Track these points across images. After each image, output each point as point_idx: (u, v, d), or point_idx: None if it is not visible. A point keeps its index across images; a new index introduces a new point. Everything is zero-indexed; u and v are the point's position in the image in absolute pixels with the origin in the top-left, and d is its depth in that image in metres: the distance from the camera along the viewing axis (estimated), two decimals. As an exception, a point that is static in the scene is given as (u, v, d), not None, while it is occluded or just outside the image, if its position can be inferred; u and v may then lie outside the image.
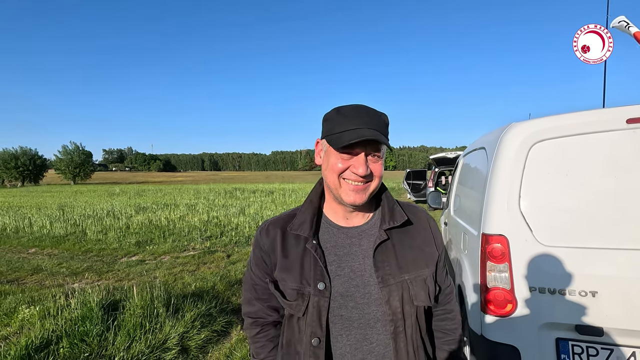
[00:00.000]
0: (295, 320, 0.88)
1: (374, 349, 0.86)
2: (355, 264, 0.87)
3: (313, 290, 0.84)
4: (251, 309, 0.98)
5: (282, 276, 0.89)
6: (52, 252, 7.32)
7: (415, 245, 0.92)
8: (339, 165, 0.83)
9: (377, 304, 0.86)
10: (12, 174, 55.21)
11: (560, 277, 1.70)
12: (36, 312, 3.46)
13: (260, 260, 0.94)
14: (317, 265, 0.86)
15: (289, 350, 0.90)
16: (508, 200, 1.83)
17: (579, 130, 1.76)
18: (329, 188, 0.89)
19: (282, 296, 0.88)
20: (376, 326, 0.86)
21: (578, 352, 1.68)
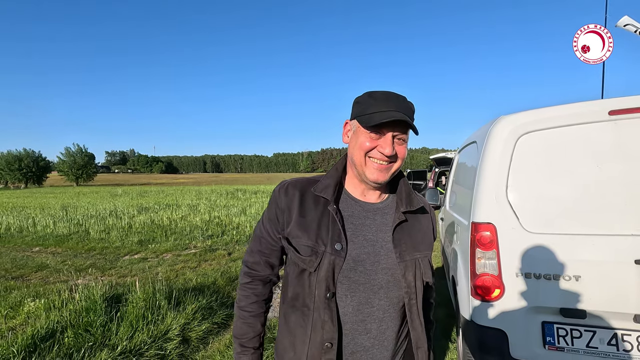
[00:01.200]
0: (307, 275, 0.93)
1: (374, 313, 0.93)
2: (369, 234, 0.96)
3: (330, 250, 0.91)
4: (250, 259, 1.04)
5: (296, 233, 0.94)
6: (56, 251, 7.41)
7: (422, 229, 1.03)
8: (367, 144, 0.90)
9: (384, 273, 0.94)
10: (16, 176, 55.56)
11: (545, 262, 1.77)
12: (41, 305, 3.55)
13: (274, 216, 0.99)
14: (336, 227, 0.93)
15: (296, 303, 0.95)
16: (496, 190, 1.91)
17: (563, 122, 1.83)
18: (353, 164, 0.96)
19: (295, 251, 0.94)
20: (379, 292, 0.94)
21: (562, 334, 1.75)
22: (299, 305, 0.94)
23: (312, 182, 1.01)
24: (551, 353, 1.76)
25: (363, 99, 0.93)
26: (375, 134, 0.90)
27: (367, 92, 0.95)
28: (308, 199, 0.97)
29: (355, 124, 0.94)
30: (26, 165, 56.42)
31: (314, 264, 0.91)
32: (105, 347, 2.69)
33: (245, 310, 1.03)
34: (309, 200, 0.97)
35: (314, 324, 0.91)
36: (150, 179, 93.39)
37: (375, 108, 0.89)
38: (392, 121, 0.87)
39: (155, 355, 2.73)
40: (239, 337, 1.03)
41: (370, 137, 0.90)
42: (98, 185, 53.48)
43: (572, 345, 1.73)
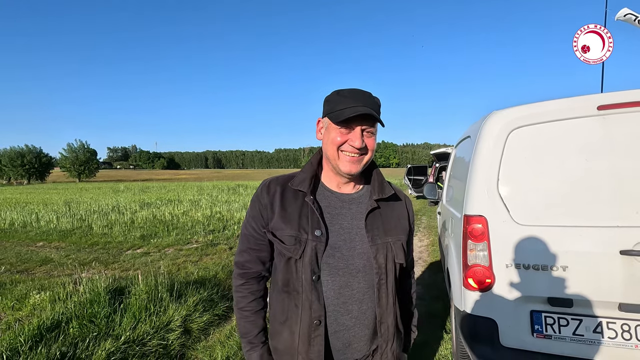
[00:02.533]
0: (293, 262, 1.00)
1: (354, 295, 1.02)
2: (345, 222, 1.04)
3: (311, 237, 0.99)
4: (241, 259, 1.10)
5: (280, 226, 1.01)
6: (60, 245, 7.51)
7: (395, 215, 1.11)
8: (338, 139, 0.98)
9: (360, 257, 1.02)
10: (19, 172, 55.87)
11: (534, 253, 1.82)
12: (46, 297, 3.63)
13: (257, 213, 1.06)
14: (314, 216, 1.01)
15: (288, 289, 1.03)
16: (488, 184, 1.95)
17: (553, 117, 1.88)
18: (327, 159, 1.04)
19: (280, 242, 1.01)
20: (357, 276, 1.02)
21: (550, 322, 1.81)
22: (290, 289, 1.02)
23: (290, 177, 1.08)
24: (539, 341, 1.82)
25: (332, 97, 1.00)
26: (345, 129, 0.97)
27: (336, 90, 1.02)
28: (288, 194, 1.04)
29: (327, 121, 1.01)
30: (29, 162, 56.69)
31: (298, 251, 0.99)
32: (109, 337, 2.77)
33: (245, 310, 1.10)
34: (288, 194, 1.04)
35: (303, 304, 0.99)
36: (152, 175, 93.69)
37: (343, 105, 0.96)
38: (360, 115, 0.94)
39: (157, 345, 2.80)
40: (246, 335, 1.11)
41: (340, 132, 0.97)
42: (100, 181, 53.73)
43: (559, 333, 1.79)
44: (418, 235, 7.72)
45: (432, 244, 6.76)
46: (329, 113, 0.99)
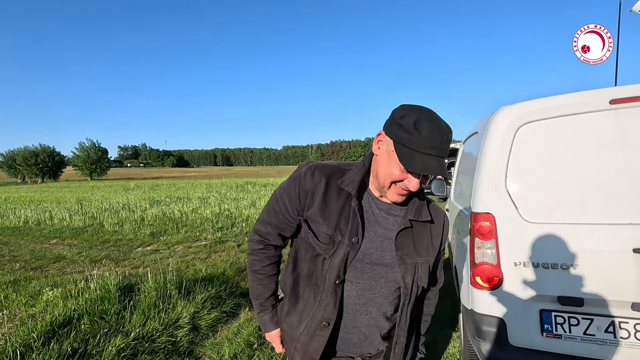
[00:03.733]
0: (321, 260, 1.00)
1: (375, 299, 1.04)
2: (380, 230, 1.03)
3: (347, 241, 0.98)
4: (263, 229, 1.11)
5: (317, 219, 1.00)
6: (72, 243, 7.66)
7: (428, 235, 1.09)
8: (396, 173, 0.92)
9: (385, 267, 1.02)
10: (33, 171, 56.99)
11: (544, 252, 1.79)
12: (59, 294, 3.70)
13: (296, 195, 1.03)
14: (356, 221, 0.99)
15: (310, 281, 1.04)
16: (495, 181, 1.92)
17: (564, 111, 1.83)
18: (376, 178, 1.00)
19: (315, 237, 1.00)
20: (380, 281, 1.03)
21: (560, 322, 1.78)
22: (313, 283, 1.04)
23: (337, 171, 1.04)
24: (549, 340, 1.79)
25: (407, 124, 0.88)
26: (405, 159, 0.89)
27: (414, 114, 0.89)
28: (332, 188, 1.01)
29: (391, 144, 0.92)
30: (42, 160, 57.78)
31: (329, 251, 0.98)
32: (119, 333, 2.81)
33: (259, 273, 1.12)
34: (333, 189, 1.01)
35: (320, 302, 1.01)
36: (161, 172, 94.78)
37: (417, 145, 0.86)
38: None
39: (166, 341, 2.84)
40: (257, 298, 1.14)
41: (401, 168, 0.91)
42: (111, 180, 54.55)
43: (569, 332, 1.76)
44: (426, 232, 7.66)
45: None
46: (399, 144, 0.89)
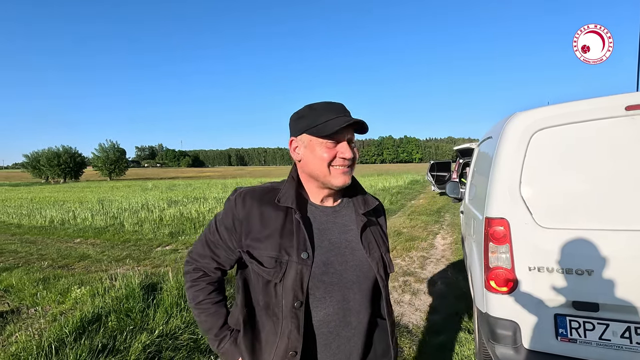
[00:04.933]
0: (272, 286, 0.94)
1: (352, 307, 0.99)
2: (333, 237, 1.00)
3: (296, 259, 0.92)
4: (200, 260, 1.04)
5: (257, 245, 0.95)
6: (95, 242, 7.94)
7: (377, 224, 1.11)
8: (325, 155, 0.94)
9: (353, 270, 0.99)
10: (55, 171, 58.98)
11: (558, 257, 1.81)
12: (86, 291, 3.89)
13: (231, 225, 0.99)
14: (301, 235, 0.94)
15: (268, 312, 0.97)
16: (510, 186, 1.95)
17: (579, 117, 1.84)
18: (313, 177, 0.99)
19: (259, 264, 0.94)
20: (353, 288, 0.99)
21: (575, 327, 1.79)
22: (271, 313, 0.96)
23: (269, 191, 1.01)
24: (563, 344, 1.81)
25: (306, 112, 0.97)
26: (332, 142, 0.94)
27: (306, 106, 0.99)
28: (268, 209, 0.97)
29: (306, 138, 0.97)
30: (64, 161, 59.72)
31: (278, 274, 0.92)
32: (144, 330, 2.95)
33: (205, 303, 1.03)
34: (269, 209, 0.97)
35: (282, 332, 0.93)
36: (178, 172, 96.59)
37: (324, 117, 0.93)
38: (344, 126, 0.92)
39: (188, 339, 2.96)
40: (210, 330, 1.04)
41: (327, 147, 0.94)
42: (129, 180, 55.92)
43: (584, 337, 1.77)
44: (441, 233, 7.63)
45: (455, 242, 6.67)
46: (310, 128, 0.94)
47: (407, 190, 18.45)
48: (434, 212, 10.54)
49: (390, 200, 13.51)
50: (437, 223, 8.79)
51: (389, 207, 12.06)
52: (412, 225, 8.56)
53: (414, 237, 7.22)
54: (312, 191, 1.03)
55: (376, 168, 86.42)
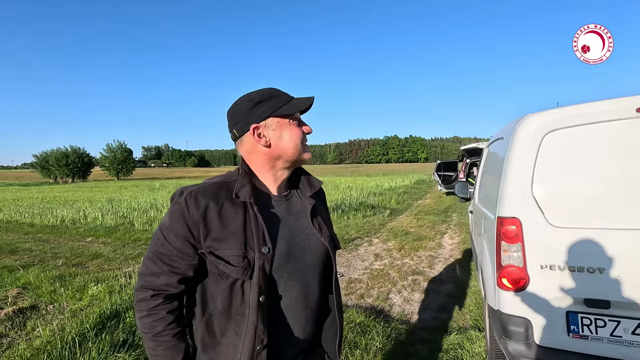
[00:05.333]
0: (239, 284, 0.92)
1: (311, 290, 1.03)
2: (290, 224, 1.02)
3: (258, 254, 0.91)
4: (157, 281, 0.93)
5: (219, 245, 0.91)
6: (106, 241, 8.07)
7: (323, 205, 1.18)
8: (301, 133, 1.02)
9: (309, 254, 1.03)
10: (64, 171, 59.70)
11: (570, 255, 1.85)
12: (103, 289, 3.99)
13: (185, 230, 0.91)
14: (260, 229, 0.93)
15: (230, 313, 0.93)
16: (522, 186, 1.99)
17: (590, 119, 1.88)
18: (281, 160, 1.02)
19: (226, 263, 0.91)
20: (310, 271, 1.03)
21: (587, 323, 1.84)
22: (234, 313, 0.93)
23: (222, 186, 0.97)
24: (575, 341, 1.85)
25: (264, 97, 0.99)
26: (295, 121, 1.01)
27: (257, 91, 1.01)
28: (226, 205, 0.94)
29: (273, 121, 0.99)
30: (72, 161, 60.41)
31: (247, 271, 0.91)
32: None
33: (164, 334, 0.92)
34: (226, 206, 0.94)
35: (247, 329, 0.92)
36: (184, 172, 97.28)
37: (284, 99, 1.00)
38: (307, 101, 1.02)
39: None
40: None
41: (295, 125, 1.01)
42: (136, 179, 56.39)
43: (596, 333, 1.82)
44: (449, 232, 7.66)
45: (463, 241, 6.70)
46: (276, 110, 0.98)
47: (414, 190, 18.45)
48: (441, 212, 10.55)
49: (396, 200, 13.53)
50: (444, 223, 8.81)
51: (396, 206, 12.09)
52: (419, 225, 8.59)
53: (422, 236, 7.26)
54: (268, 181, 1.04)
55: (382, 168, 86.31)
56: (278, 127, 0.99)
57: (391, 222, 9.08)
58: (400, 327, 3.27)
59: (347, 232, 7.82)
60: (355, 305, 3.86)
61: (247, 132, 0.99)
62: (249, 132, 0.98)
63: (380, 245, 6.67)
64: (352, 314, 3.43)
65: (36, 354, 2.55)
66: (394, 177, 30.16)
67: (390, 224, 8.89)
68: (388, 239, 7.19)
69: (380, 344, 2.92)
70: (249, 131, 0.98)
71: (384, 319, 3.45)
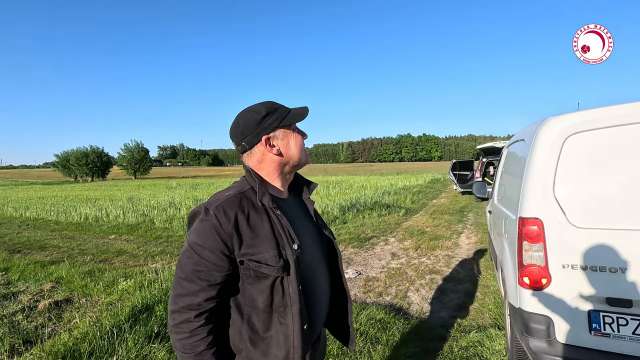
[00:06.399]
0: (279, 282, 1.01)
1: (328, 274, 1.22)
2: (302, 224, 1.14)
3: (290, 252, 1.01)
4: (195, 300, 0.97)
5: (254, 251, 0.98)
6: (129, 238, 8.34)
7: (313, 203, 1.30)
8: (301, 140, 1.14)
9: (322, 246, 1.20)
10: (84, 170, 61.38)
11: (591, 255, 1.89)
12: (132, 284, 4.19)
13: (220, 244, 0.96)
14: (286, 229, 1.04)
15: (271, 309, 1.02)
16: (543, 187, 2.04)
17: (611, 122, 1.92)
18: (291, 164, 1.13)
19: (267, 265, 0.98)
20: (324, 259, 1.20)
21: (609, 322, 1.88)
22: (275, 308, 1.02)
23: (240, 197, 1.03)
24: (597, 339, 1.89)
25: (269, 110, 1.08)
26: (295, 130, 1.13)
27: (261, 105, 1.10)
28: (251, 214, 1.01)
29: (281, 131, 1.10)
30: (92, 161, 62.02)
31: (286, 268, 1.00)
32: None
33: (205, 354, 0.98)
34: (252, 215, 1.01)
35: (293, 315, 1.02)
36: (198, 171, 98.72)
37: (284, 110, 1.10)
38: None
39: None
40: None
41: (297, 133, 1.13)
42: (153, 178, 57.55)
43: (618, 332, 1.85)
44: (465, 232, 7.64)
45: (480, 241, 6.69)
46: (282, 121, 1.08)
47: (428, 189, 18.34)
48: (457, 212, 10.50)
49: (411, 199, 13.50)
50: (460, 222, 8.78)
51: (411, 206, 12.08)
52: (435, 224, 8.58)
53: (438, 236, 7.27)
54: (278, 185, 1.14)
55: (395, 167, 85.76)
56: (285, 136, 1.10)
57: (407, 222, 9.10)
58: (419, 324, 3.34)
59: (363, 231, 7.89)
60: (374, 302, 3.94)
61: (258, 143, 1.08)
62: (259, 143, 1.08)
63: (397, 245, 6.72)
64: (373, 311, 3.52)
65: (77, 343, 2.73)
66: (408, 176, 29.98)
67: (406, 223, 8.92)
68: (404, 238, 7.23)
69: (401, 340, 2.99)
70: (260, 142, 1.08)
71: (404, 317, 3.52)
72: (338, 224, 8.86)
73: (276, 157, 1.10)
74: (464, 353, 2.81)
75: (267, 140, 1.08)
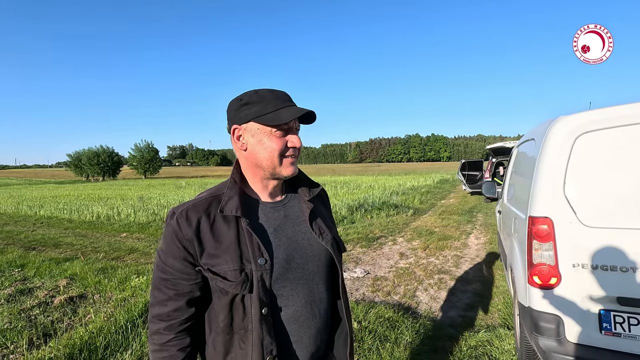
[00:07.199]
0: (240, 299, 0.89)
1: (317, 297, 1.00)
2: (289, 232, 0.98)
3: (255, 267, 0.88)
4: (165, 309, 0.90)
5: (214, 261, 0.89)
6: (140, 237, 8.48)
7: (323, 207, 1.14)
8: (275, 145, 0.91)
9: (313, 260, 0.99)
10: (95, 170, 62.33)
11: (602, 254, 1.89)
12: (143, 280, 4.27)
13: (181, 249, 0.88)
14: (254, 241, 0.90)
15: (232, 329, 0.91)
16: (554, 186, 2.04)
17: (622, 122, 1.91)
18: (260, 167, 0.95)
19: (224, 279, 0.88)
20: (315, 278, 1.00)
21: (620, 321, 1.87)
22: (235, 329, 0.91)
23: (213, 200, 0.94)
24: (607, 338, 1.89)
25: (252, 99, 0.92)
26: (280, 132, 0.91)
27: (251, 92, 0.94)
28: (217, 220, 0.91)
29: (254, 126, 0.92)
30: (103, 160, 62.95)
31: (246, 285, 0.88)
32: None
33: None
34: (218, 222, 0.91)
35: (254, 342, 0.89)
36: (207, 171, 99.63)
37: (272, 106, 0.90)
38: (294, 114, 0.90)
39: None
40: None
41: (276, 136, 0.91)
42: (163, 178, 58.20)
43: (629, 331, 1.85)
44: (474, 232, 7.60)
45: (489, 241, 6.65)
46: (259, 116, 0.90)
47: (437, 189, 18.23)
48: (465, 212, 10.44)
49: (420, 200, 13.45)
50: (469, 223, 8.73)
51: (419, 206, 12.04)
52: (443, 224, 8.55)
53: (447, 236, 7.25)
54: (258, 187, 0.99)
55: (403, 167, 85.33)
56: (257, 134, 0.92)
57: (415, 222, 9.08)
58: (428, 323, 3.35)
59: (371, 231, 7.90)
60: (383, 301, 3.96)
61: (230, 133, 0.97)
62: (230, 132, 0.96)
63: (405, 244, 6.72)
64: (381, 310, 3.54)
65: (93, 337, 2.81)
66: (416, 177, 29.84)
67: (414, 223, 8.90)
68: (412, 238, 7.22)
69: (410, 338, 3.01)
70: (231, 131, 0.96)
71: (412, 315, 3.54)
72: (346, 224, 8.89)
73: (244, 153, 0.96)
74: (473, 352, 2.82)
75: (235, 130, 0.95)
